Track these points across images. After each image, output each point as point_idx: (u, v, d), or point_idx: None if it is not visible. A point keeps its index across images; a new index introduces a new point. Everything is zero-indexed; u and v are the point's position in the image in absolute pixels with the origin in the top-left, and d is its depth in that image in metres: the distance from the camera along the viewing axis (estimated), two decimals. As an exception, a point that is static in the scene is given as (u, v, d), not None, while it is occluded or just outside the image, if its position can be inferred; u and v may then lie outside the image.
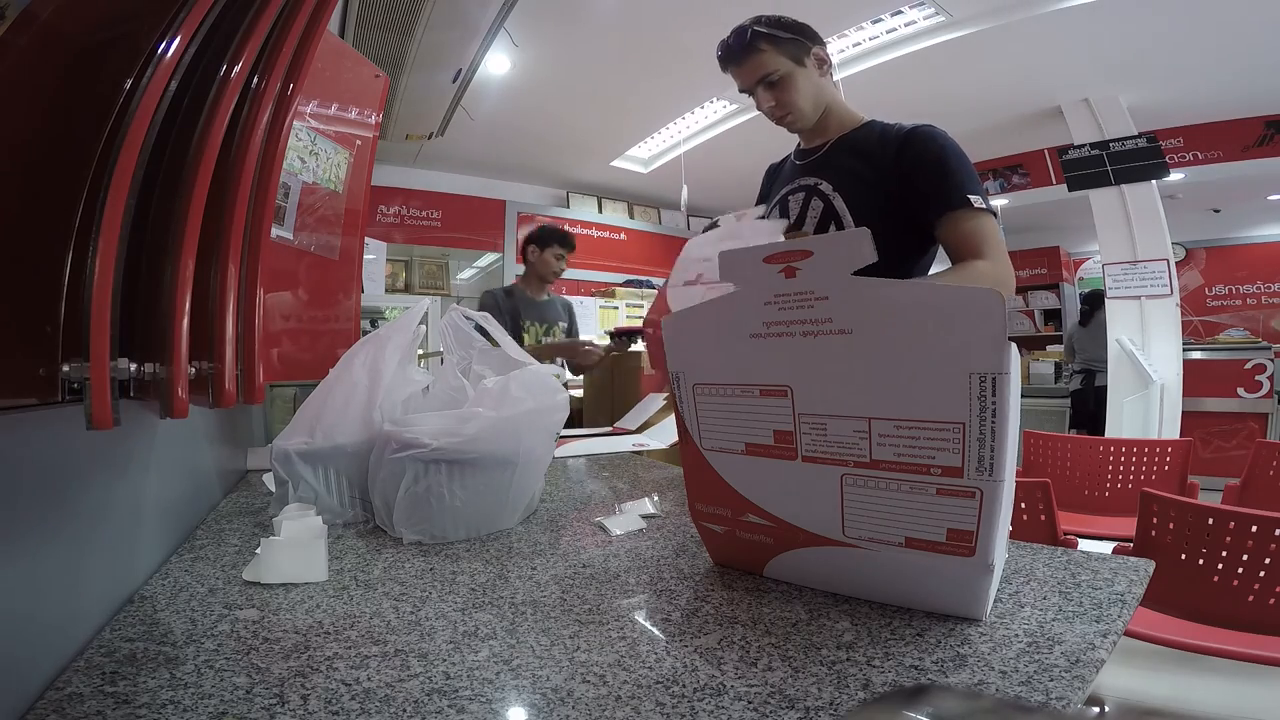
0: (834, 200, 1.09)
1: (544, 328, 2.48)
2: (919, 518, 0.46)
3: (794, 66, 1.10)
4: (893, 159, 1.04)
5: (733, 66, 1.13)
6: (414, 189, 5.00)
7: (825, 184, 1.11)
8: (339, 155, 1.30)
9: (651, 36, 3.23)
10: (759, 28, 1.09)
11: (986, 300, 0.41)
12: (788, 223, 1.11)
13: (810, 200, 1.12)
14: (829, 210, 1.10)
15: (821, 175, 1.13)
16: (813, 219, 1.11)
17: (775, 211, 1.20)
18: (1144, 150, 3.76)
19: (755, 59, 1.09)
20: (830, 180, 1.11)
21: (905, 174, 1.03)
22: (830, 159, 1.14)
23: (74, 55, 0.40)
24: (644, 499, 0.87)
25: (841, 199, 1.09)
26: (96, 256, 0.37)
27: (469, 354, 0.92)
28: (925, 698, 0.36)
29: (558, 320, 2.54)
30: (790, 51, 1.10)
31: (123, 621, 0.49)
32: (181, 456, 0.75)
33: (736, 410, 0.54)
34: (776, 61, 1.09)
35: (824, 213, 1.10)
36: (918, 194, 1.02)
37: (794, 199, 1.16)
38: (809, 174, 1.15)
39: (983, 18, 3.25)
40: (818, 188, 1.12)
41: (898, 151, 1.04)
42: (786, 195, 1.17)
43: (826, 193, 1.10)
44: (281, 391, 1.55)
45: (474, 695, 0.38)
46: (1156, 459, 2.11)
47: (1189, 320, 5.47)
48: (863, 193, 1.07)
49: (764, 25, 1.09)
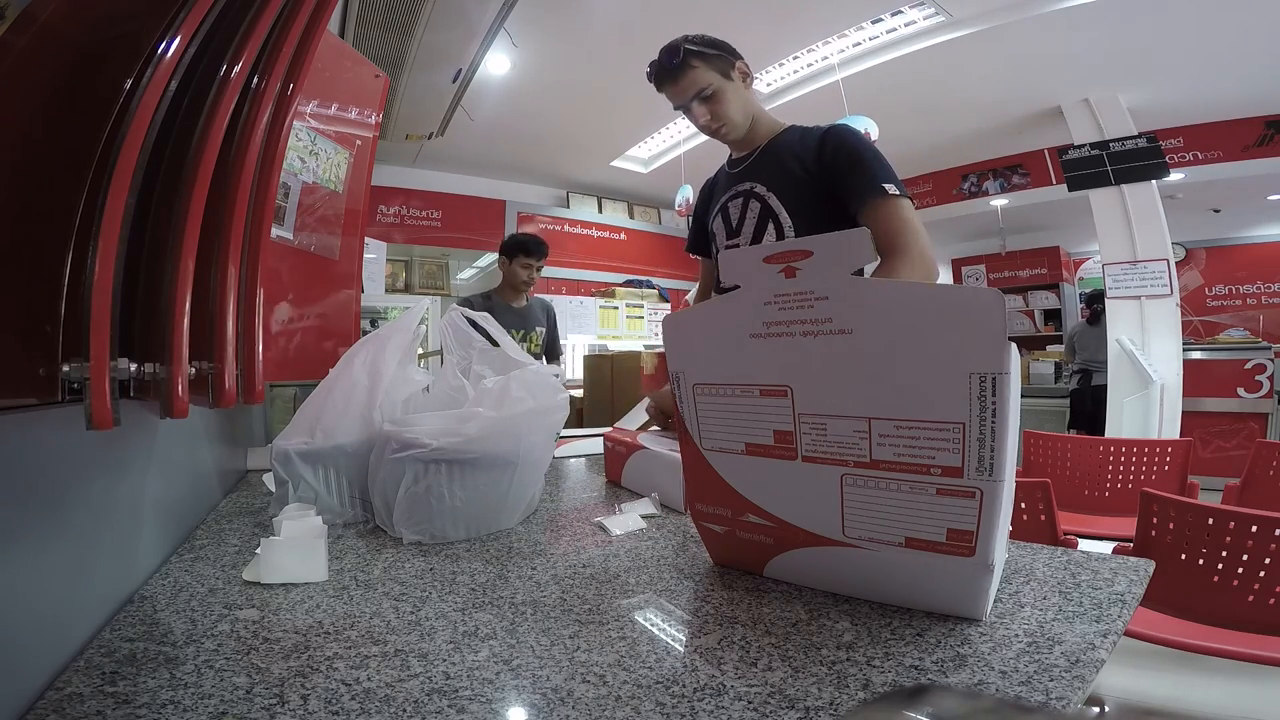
0: (769, 199, 1.15)
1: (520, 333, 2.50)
2: (919, 518, 0.46)
3: (723, 81, 1.15)
4: (814, 156, 1.11)
5: (668, 84, 1.17)
6: (414, 189, 5.00)
7: (759, 185, 1.17)
8: (339, 155, 1.30)
9: (651, 36, 3.21)
10: (690, 45, 1.14)
11: (986, 300, 0.41)
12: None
13: (748, 203, 1.18)
14: (765, 209, 1.15)
15: (754, 179, 1.18)
16: (751, 219, 1.17)
17: (718, 219, 1.25)
18: (1144, 150, 3.76)
19: (689, 76, 1.14)
20: (763, 181, 1.16)
21: (827, 169, 1.09)
22: (761, 163, 1.19)
23: (74, 55, 0.40)
24: (644, 499, 0.87)
25: (775, 197, 1.14)
26: (96, 256, 0.37)
27: (469, 354, 0.92)
28: (925, 698, 0.36)
29: (535, 325, 2.56)
30: (718, 67, 1.15)
31: (123, 621, 0.49)
32: (181, 456, 0.75)
33: (737, 410, 0.54)
34: (708, 77, 1.14)
35: (761, 212, 1.16)
36: (843, 188, 1.07)
37: (733, 205, 1.21)
38: (743, 180, 1.21)
39: (983, 18, 3.25)
40: (753, 190, 1.18)
41: (818, 149, 1.11)
42: (726, 203, 1.23)
43: (761, 193, 1.16)
44: (281, 391, 1.55)
45: (474, 695, 0.38)
46: (1156, 459, 2.10)
47: (1189, 320, 5.47)
48: (793, 188, 1.13)
49: (694, 44, 1.15)
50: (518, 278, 2.47)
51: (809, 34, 3.42)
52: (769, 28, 3.24)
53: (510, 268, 2.47)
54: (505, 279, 2.52)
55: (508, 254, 2.48)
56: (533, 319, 2.55)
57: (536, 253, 2.46)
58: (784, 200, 1.14)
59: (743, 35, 1.32)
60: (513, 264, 2.46)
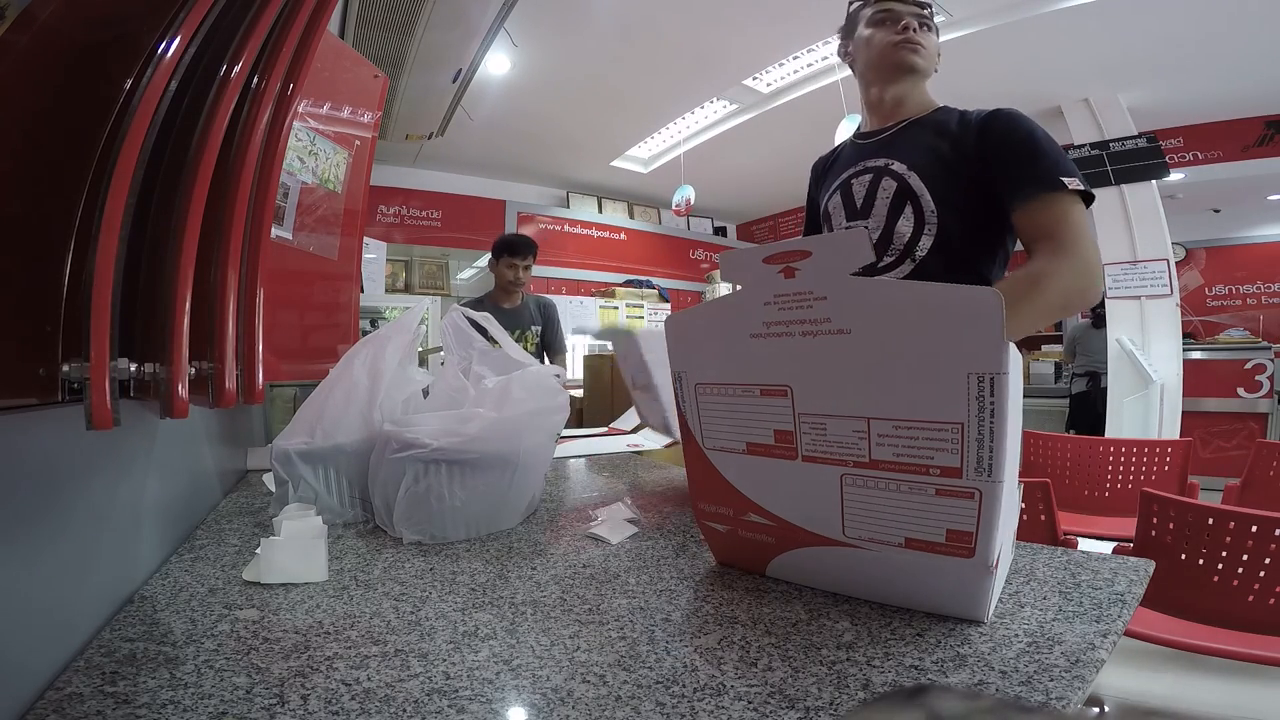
0: (909, 179, 0.99)
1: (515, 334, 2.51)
2: (918, 518, 0.46)
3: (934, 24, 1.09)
4: (975, 139, 0.96)
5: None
6: (414, 189, 5.01)
7: (897, 163, 1.01)
8: (338, 155, 1.30)
9: (651, 36, 3.23)
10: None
11: (984, 300, 0.40)
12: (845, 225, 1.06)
13: (880, 181, 1.02)
14: (904, 189, 0.99)
15: (891, 155, 1.03)
16: (884, 199, 1.01)
17: (835, 197, 1.09)
18: (1144, 150, 3.76)
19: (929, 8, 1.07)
20: (903, 159, 1.01)
21: (987, 158, 0.94)
22: (904, 138, 1.05)
23: (74, 55, 0.40)
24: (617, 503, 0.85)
25: (918, 177, 0.98)
26: (96, 256, 0.37)
27: (469, 354, 0.92)
28: (925, 698, 0.36)
29: (530, 325, 2.57)
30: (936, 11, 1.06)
31: (123, 621, 0.49)
32: (181, 456, 0.75)
33: (738, 410, 0.54)
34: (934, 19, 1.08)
35: (897, 192, 0.99)
36: (1007, 176, 0.92)
37: (858, 182, 1.05)
38: (875, 155, 1.05)
39: (983, 18, 3.25)
40: (889, 167, 1.02)
41: (980, 130, 0.96)
42: (849, 179, 1.07)
43: (900, 172, 1.00)
44: (281, 391, 1.55)
45: (474, 695, 0.38)
46: (1156, 459, 2.10)
47: (1189, 320, 5.46)
48: (942, 172, 0.97)
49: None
50: (505, 278, 2.49)
51: (809, 34, 3.42)
52: (769, 28, 3.24)
53: (498, 269, 2.50)
54: (495, 281, 2.55)
55: (495, 255, 2.51)
56: (525, 319, 2.56)
57: (520, 252, 2.47)
58: (929, 182, 0.97)
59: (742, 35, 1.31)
60: (499, 264, 2.49)
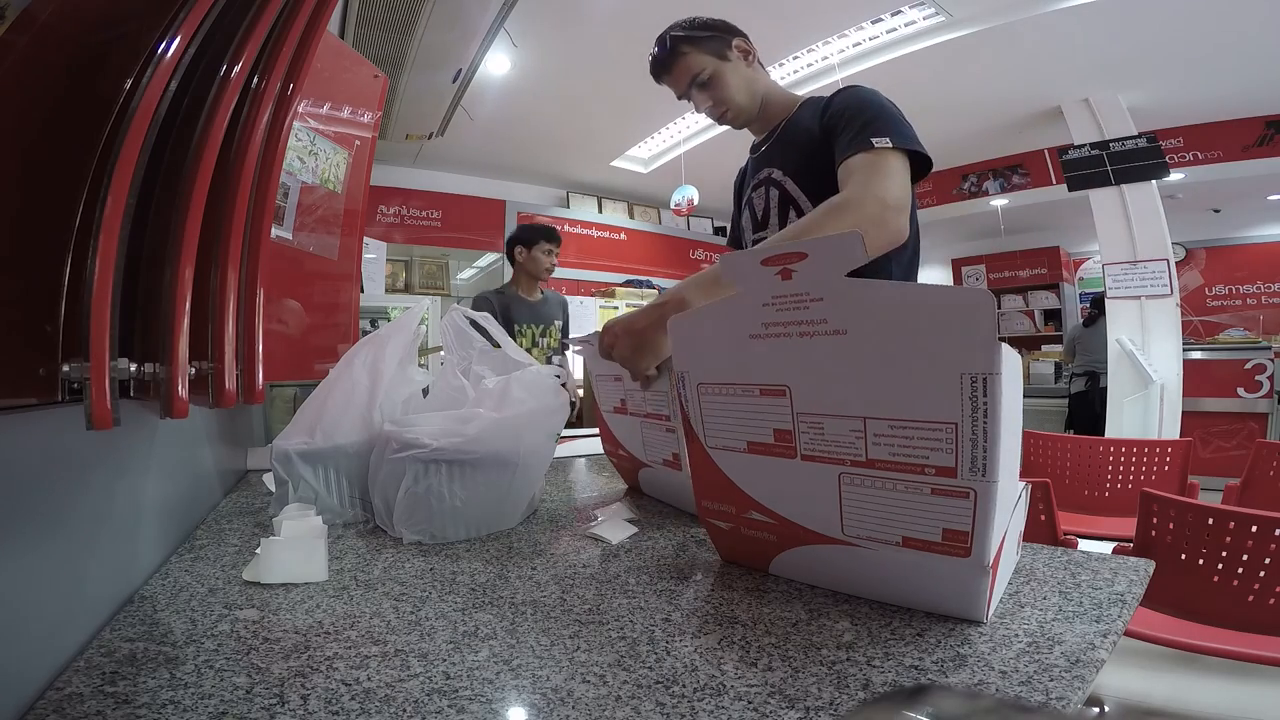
0: (786, 185, 1.08)
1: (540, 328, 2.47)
2: (915, 517, 0.46)
3: (719, 63, 1.10)
4: (820, 123, 1.02)
5: (665, 76, 1.13)
6: (414, 189, 5.00)
7: (776, 171, 1.10)
8: (338, 155, 1.30)
9: (651, 37, 3.22)
10: (676, 32, 1.11)
11: (976, 300, 0.41)
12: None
13: (769, 192, 1.11)
14: (784, 197, 1.08)
15: (772, 164, 1.11)
16: (775, 209, 1.10)
17: (746, 211, 1.18)
18: (1144, 150, 3.76)
19: (681, 63, 1.10)
20: (780, 165, 1.10)
21: (827, 132, 1.00)
22: (778, 145, 1.13)
23: (74, 55, 0.40)
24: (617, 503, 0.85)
25: (793, 181, 1.07)
26: (96, 256, 0.37)
27: (469, 354, 0.92)
28: (925, 698, 0.36)
29: (553, 319, 2.52)
30: (712, 49, 1.10)
31: (123, 621, 0.49)
32: (181, 456, 0.75)
33: (738, 409, 0.54)
34: (701, 61, 1.09)
35: (780, 200, 1.09)
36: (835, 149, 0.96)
37: (756, 196, 1.15)
38: (763, 166, 1.14)
39: (983, 18, 3.25)
40: (771, 177, 1.11)
41: (822, 113, 1.03)
42: (751, 193, 1.17)
43: (779, 179, 1.09)
44: (281, 391, 1.55)
45: (474, 695, 0.38)
46: (1156, 459, 2.10)
47: (1189, 320, 5.46)
48: (806, 168, 1.05)
49: (681, 29, 1.11)
50: (540, 265, 2.41)
51: (809, 34, 3.42)
52: (769, 28, 3.23)
53: (531, 255, 2.40)
54: (523, 270, 2.45)
55: (526, 243, 2.41)
56: (550, 313, 2.51)
57: (558, 238, 2.43)
58: (802, 183, 1.05)
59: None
60: (533, 251, 2.40)
